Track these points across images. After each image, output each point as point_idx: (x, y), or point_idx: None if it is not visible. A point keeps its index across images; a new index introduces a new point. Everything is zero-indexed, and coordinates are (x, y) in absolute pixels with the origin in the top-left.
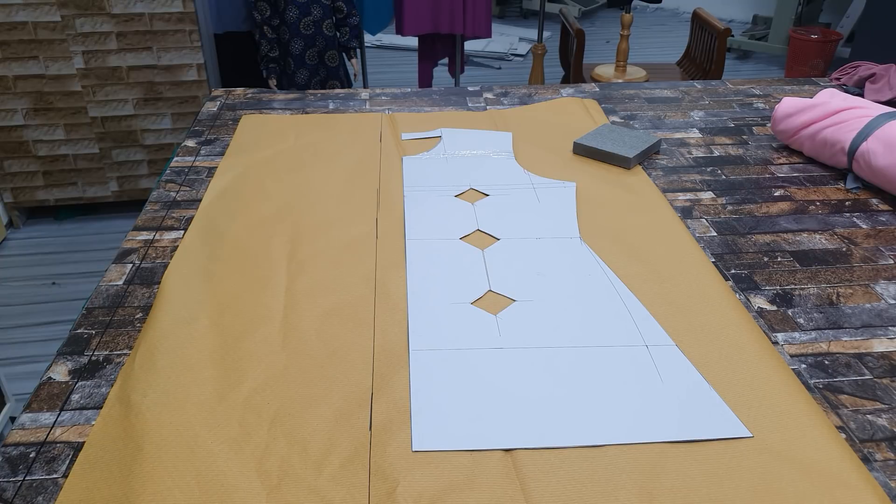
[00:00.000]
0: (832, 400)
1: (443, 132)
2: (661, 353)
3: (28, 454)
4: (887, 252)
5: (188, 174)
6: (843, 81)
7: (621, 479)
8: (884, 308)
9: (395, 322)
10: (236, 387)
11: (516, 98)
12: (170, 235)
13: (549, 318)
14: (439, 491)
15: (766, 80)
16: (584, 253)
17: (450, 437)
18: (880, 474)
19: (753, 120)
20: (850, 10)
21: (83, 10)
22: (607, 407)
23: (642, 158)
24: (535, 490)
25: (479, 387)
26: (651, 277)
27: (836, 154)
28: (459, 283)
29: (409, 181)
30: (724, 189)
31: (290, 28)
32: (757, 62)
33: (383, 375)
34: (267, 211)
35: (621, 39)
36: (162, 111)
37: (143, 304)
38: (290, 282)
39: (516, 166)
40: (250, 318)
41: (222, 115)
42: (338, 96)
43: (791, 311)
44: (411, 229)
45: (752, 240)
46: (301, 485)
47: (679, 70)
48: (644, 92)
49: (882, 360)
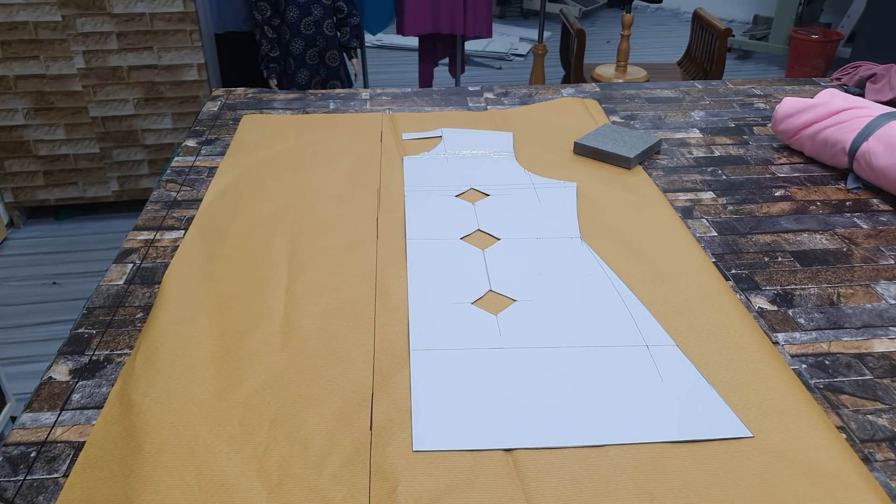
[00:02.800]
0: (833, 400)
1: (443, 132)
2: (661, 353)
3: (29, 454)
4: (888, 252)
5: (189, 174)
6: (844, 81)
7: (621, 479)
8: (884, 308)
9: (395, 322)
10: (237, 386)
11: (517, 98)
12: (170, 235)
13: (549, 318)
14: (439, 491)
15: (767, 80)
16: (585, 253)
17: (450, 436)
18: (881, 474)
19: (754, 120)
20: (850, 10)
21: (84, 10)
22: (608, 407)
23: (643, 158)
24: (536, 490)
25: (479, 387)
26: (651, 277)
27: (837, 154)
28: (460, 283)
29: (410, 181)
30: (725, 189)
31: (290, 28)
32: (757, 62)
33: (384, 375)
34: (267, 211)
35: (622, 39)
36: (162, 111)
37: (143, 303)
38: (291, 281)
39: (517, 166)
40: (251, 318)
41: (223, 114)
42: (338, 96)
43: (792, 311)
44: (412, 229)
45: (752, 240)
46: (301, 484)
47: (679, 70)
48: (644, 92)
49: (882, 360)
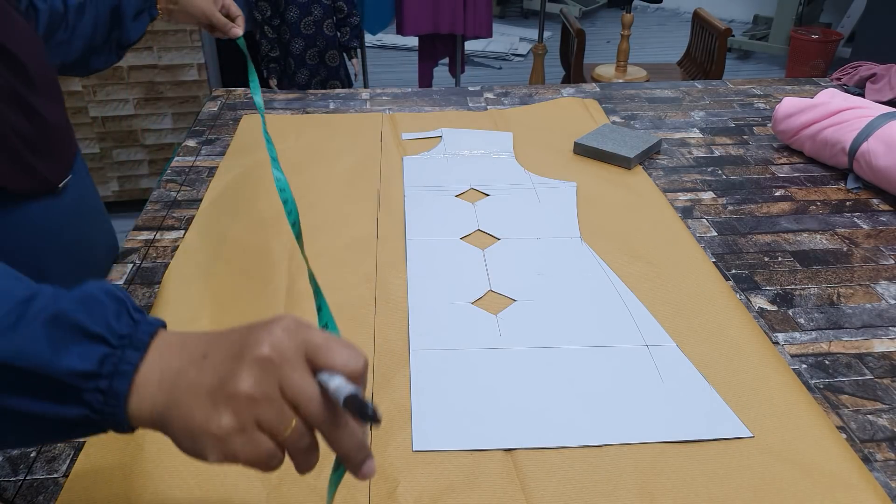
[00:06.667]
0: (833, 400)
1: (443, 132)
2: (661, 352)
3: (28, 453)
4: (888, 252)
5: (189, 174)
6: (844, 81)
7: (622, 479)
8: (884, 308)
9: (395, 322)
10: None
11: (517, 98)
12: (170, 235)
13: (549, 317)
14: (440, 491)
15: (767, 80)
16: (585, 253)
17: (450, 436)
18: (881, 474)
19: (754, 120)
20: (850, 10)
21: None
22: (608, 407)
23: (643, 158)
24: (536, 490)
25: (479, 387)
26: (651, 277)
27: (837, 154)
28: (460, 283)
29: (410, 181)
30: (725, 189)
31: (290, 28)
32: (758, 62)
33: (384, 375)
34: (267, 211)
35: (622, 39)
36: (163, 111)
37: (143, 303)
38: (291, 282)
39: (517, 166)
40: (251, 318)
41: (223, 114)
42: (338, 96)
43: (792, 311)
44: (412, 229)
45: (752, 240)
46: (301, 484)
47: (680, 70)
48: (644, 92)
49: (883, 360)
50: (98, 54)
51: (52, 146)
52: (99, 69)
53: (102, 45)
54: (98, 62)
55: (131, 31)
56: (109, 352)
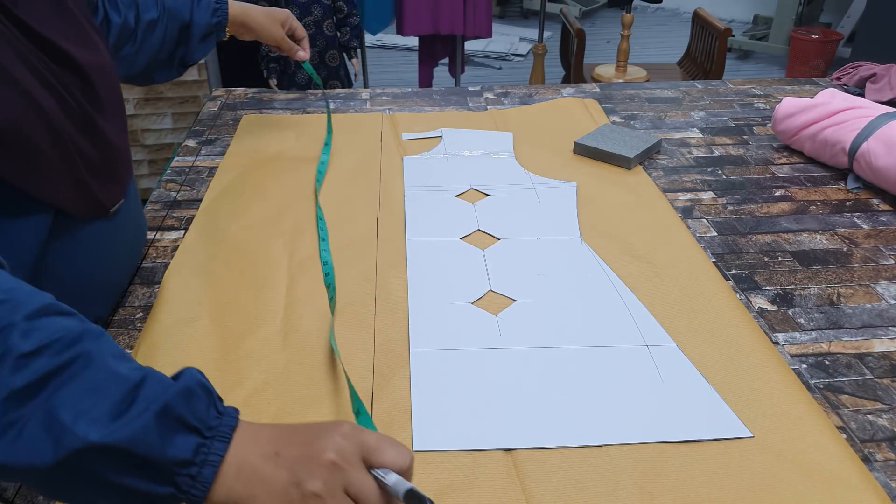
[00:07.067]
0: (833, 400)
1: (443, 132)
2: (661, 352)
3: None
4: (888, 252)
5: (189, 174)
6: (844, 81)
7: (622, 479)
8: (884, 308)
9: (395, 321)
10: (237, 386)
11: (517, 98)
12: (170, 235)
13: (549, 317)
14: (439, 491)
15: (767, 80)
16: (585, 253)
17: (450, 436)
18: (881, 474)
19: (754, 120)
20: (850, 10)
21: None
22: (608, 407)
23: (643, 158)
24: (536, 490)
25: (479, 386)
26: (651, 277)
27: (837, 154)
28: (460, 283)
29: (410, 181)
30: (725, 189)
31: None
32: (757, 62)
33: (384, 375)
34: (267, 211)
35: (622, 39)
36: (163, 111)
37: (143, 303)
38: (291, 282)
39: (517, 166)
40: (250, 318)
41: (223, 114)
42: (338, 96)
43: (791, 311)
44: (412, 229)
45: (752, 240)
46: None
47: (680, 70)
48: (644, 92)
49: (883, 360)
50: (161, 70)
51: (112, 169)
52: (159, 82)
53: (166, 61)
54: (160, 76)
55: (197, 52)
56: (202, 442)
